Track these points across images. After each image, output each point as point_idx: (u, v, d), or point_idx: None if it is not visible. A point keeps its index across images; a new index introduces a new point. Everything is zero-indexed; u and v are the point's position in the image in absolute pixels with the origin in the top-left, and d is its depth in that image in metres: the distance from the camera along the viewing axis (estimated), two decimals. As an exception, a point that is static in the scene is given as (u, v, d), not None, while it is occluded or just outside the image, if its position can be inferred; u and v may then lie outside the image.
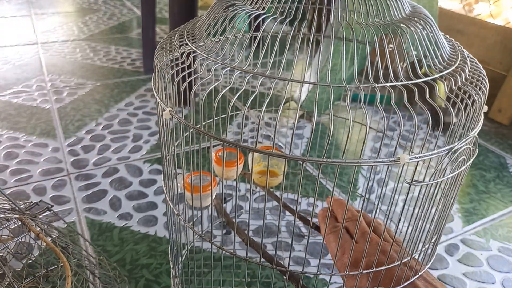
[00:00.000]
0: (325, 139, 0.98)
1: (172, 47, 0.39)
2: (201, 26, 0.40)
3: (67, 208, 0.75)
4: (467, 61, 0.38)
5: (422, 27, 0.35)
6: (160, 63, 0.38)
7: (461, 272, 0.68)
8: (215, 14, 0.38)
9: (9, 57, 1.40)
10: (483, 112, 0.37)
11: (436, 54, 0.36)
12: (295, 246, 0.69)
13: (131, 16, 1.96)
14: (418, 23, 0.35)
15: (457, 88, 0.34)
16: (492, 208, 0.83)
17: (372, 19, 0.36)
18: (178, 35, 0.41)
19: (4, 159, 0.88)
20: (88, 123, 1.04)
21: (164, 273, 0.63)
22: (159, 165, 0.88)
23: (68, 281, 0.44)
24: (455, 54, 0.39)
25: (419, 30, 0.34)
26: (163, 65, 0.37)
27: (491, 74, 1.21)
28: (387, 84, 0.31)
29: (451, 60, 0.38)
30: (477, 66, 0.39)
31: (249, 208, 0.37)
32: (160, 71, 0.37)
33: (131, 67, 1.39)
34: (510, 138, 1.11)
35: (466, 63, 0.38)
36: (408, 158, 0.29)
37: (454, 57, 0.39)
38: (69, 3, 2.13)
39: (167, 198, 0.45)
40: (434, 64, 0.35)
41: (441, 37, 0.38)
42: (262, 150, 0.32)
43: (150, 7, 1.26)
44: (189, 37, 0.40)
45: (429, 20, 0.37)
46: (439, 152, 0.31)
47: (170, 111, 0.35)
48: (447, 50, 0.39)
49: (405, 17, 0.37)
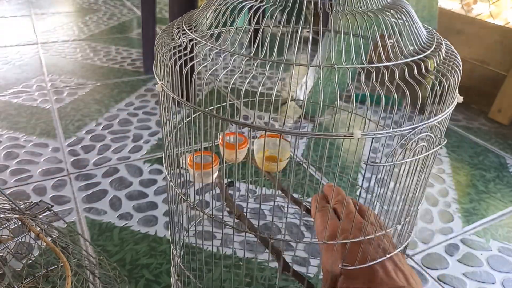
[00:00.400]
0: (324, 141, 0.98)
1: (173, 37, 0.41)
2: (198, 17, 0.42)
3: (67, 208, 0.75)
4: (442, 48, 0.40)
5: (395, 16, 0.37)
6: (162, 51, 0.40)
7: (461, 272, 0.68)
8: (216, 6, 0.39)
9: (9, 57, 1.40)
10: (455, 100, 0.39)
11: (410, 41, 0.38)
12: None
13: (131, 16, 1.96)
14: (390, 12, 0.38)
15: (426, 70, 0.36)
16: (492, 208, 0.83)
17: (351, 9, 0.38)
18: (176, 26, 0.43)
19: (4, 159, 0.88)
20: (88, 123, 1.04)
21: (164, 273, 0.63)
22: (159, 165, 0.88)
23: (68, 281, 0.44)
24: (431, 41, 0.41)
25: (391, 18, 0.37)
26: (165, 52, 0.39)
27: (491, 74, 1.21)
28: (358, 66, 0.33)
29: (426, 46, 0.40)
30: (452, 52, 0.41)
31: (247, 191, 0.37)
32: (162, 58, 0.39)
33: (131, 67, 1.39)
34: (510, 138, 1.11)
35: (441, 49, 0.40)
36: (360, 134, 0.31)
37: (429, 44, 0.40)
38: (69, 3, 2.13)
39: (168, 178, 0.46)
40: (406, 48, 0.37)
41: (417, 26, 0.40)
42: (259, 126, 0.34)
43: (150, 7, 1.26)
44: (190, 27, 0.41)
45: (404, 10, 0.38)
46: (394, 132, 0.33)
47: (161, 84, 0.39)
48: (423, 37, 0.41)
49: (381, 8, 0.40)
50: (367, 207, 0.49)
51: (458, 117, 1.21)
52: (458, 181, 0.91)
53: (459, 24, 1.26)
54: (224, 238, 0.70)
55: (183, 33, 0.40)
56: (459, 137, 1.10)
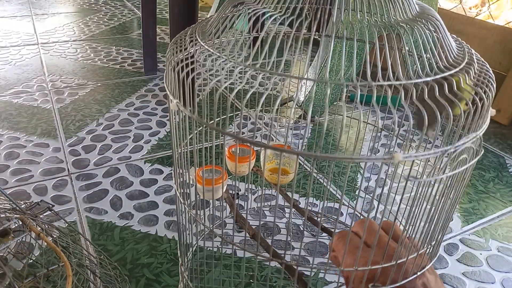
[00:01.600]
0: (325, 139, 0.99)
1: (183, 45, 0.40)
2: (211, 24, 0.41)
3: (68, 208, 0.75)
4: (474, 63, 0.38)
5: (425, 27, 0.35)
6: (173, 61, 0.38)
7: (460, 272, 0.68)
8: (224, 13, 0.39)
9: (10, 57, 1.41)
10: (489, 114, 0.37)
11: (440, 55, 0.36)
12: (293, 244, 0.69)
13: (132, 17, 1.96)
14: (421, 23, 0.35)
15: (458, 88, 0.34)
16: (492, 208, 0.83)
17: (372, 18, 0.36)
18: (189, 34, 0.42)
19: (5, 159, 0.88)
20: (89, 123, 1.04)
21: (164, 272, 0.64)
22: (160, 165, 0.89)
23: (68, 280, 0.44)
24: (462, 55, 0.39)
25: (421, 30, 0.34)
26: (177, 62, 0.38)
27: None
28: (384, 83, 0.31)
29: (456, 62, 0.37)
30: (483, 66, 0.39)
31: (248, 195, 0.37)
32: (173, 68, 0.38)
33: (131, 68, 1.39)
34: (510, 138, 1.11)
35: (472, 64, 0.37)
36: (402, 157, 0.28)
37: (460, 58, 0.38)
38: (69, 3, 2.13)
39: (177, 195, 0.45)
40: (437, 64, 0.35)
41: (448, 38, 0.38)
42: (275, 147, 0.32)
43: (151, 8, 1.26)
44: (200, 35, 0.40)
45: (435, 20, 0.36)
46: (435, 152, 0.31)
47: (177, 103, 0.36)
48: (454, 51, 0.38)
49: (411, 17, 0.37)
50: (399, 227, 0.46)
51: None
52: (458, 181, 0.91)
53: (459, 24, 1.26)
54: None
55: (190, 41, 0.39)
56: (459, 137, 1.10)
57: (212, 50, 0.36)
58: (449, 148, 0.31)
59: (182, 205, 0.45)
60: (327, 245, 0.69)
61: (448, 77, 0.34)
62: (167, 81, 0.39)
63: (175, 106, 0.36)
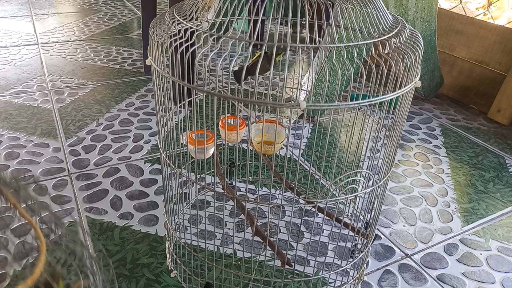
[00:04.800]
0: (324, 139, 0.99)
1: (167, 25, 0.44)
2: (192, 7, 0.45)
3: (68, 208, 0.75)
4: (406, 30, 0.46)
5: (361, 5, 0.44)
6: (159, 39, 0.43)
7: (460, 272, 0.68)
8: None
9: (10, 57, 1.41)
10: (415, 80, 0.44)
11: (377, 26, 0.44)
12: (293, 245, 0.69)
13: (132, 17, 1.96)
14: (356, 1, 0.44)
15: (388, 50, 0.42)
16: (492, 208, 0.83)
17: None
18: (168, 16, 0.46)
19: (5, 159, 0.88)
20: (89, 123, 1.04)
21: (164, 272, 0.64)
22: (160, 165, 0.89)
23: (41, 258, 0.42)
24: (395, 26, 0.47)
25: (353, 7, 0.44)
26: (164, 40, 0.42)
27: (491, 74, 1.21)
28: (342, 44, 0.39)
29: (389, 30, 0.46)
30: (415, 34, 0.47)
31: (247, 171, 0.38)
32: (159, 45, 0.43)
33: (131, 68, 1.39)
34: (509, 138, 1.11)
35: (403, 32, 0.45)
36: (305, 105, 0.36)
37: (393, 28, 0.46)
38: (69, 3, 2.13)
39: (163, 156, 0.51)
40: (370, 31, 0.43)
41: (384, 13, 0.46)
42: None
43: (151, 8, 1.26)
44: (183, 17, 0.44)
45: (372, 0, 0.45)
46: (339, 105, 0.38)
47: (150, 59, 0.43)
48: (389, 22, 0.47)
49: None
50: None
51: (458, 117, 1.21)
52: (457, 181, 0.91)
53: (459, 24, 1.26)
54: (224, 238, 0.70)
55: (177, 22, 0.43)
56: (458, 137, 1.10)
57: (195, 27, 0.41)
58: (351, 104, 0.39)
59: (164, 159, 0.51)
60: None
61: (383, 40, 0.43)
62: (150, 52, 0.44)
63: (149, 61, 0.43)
